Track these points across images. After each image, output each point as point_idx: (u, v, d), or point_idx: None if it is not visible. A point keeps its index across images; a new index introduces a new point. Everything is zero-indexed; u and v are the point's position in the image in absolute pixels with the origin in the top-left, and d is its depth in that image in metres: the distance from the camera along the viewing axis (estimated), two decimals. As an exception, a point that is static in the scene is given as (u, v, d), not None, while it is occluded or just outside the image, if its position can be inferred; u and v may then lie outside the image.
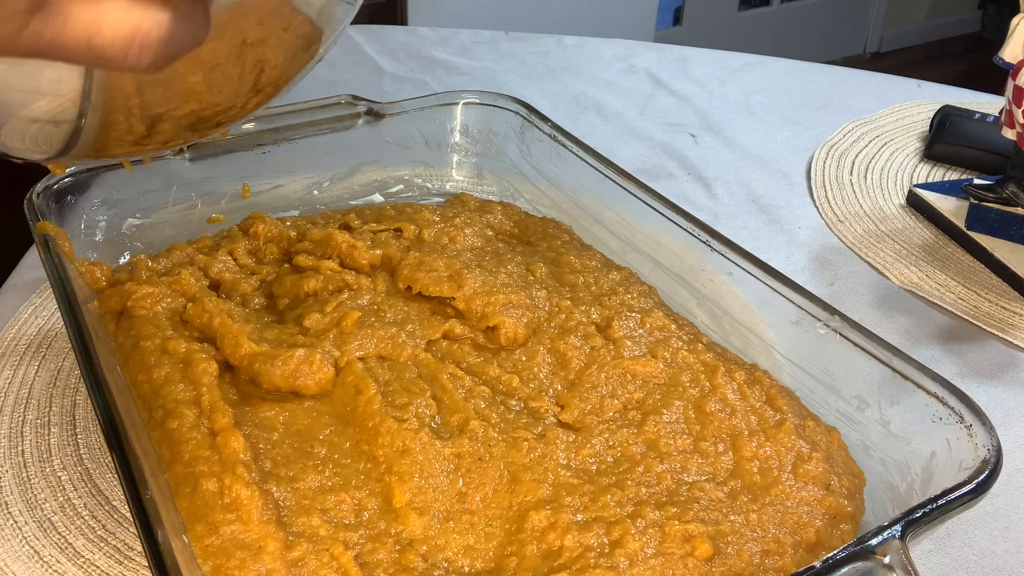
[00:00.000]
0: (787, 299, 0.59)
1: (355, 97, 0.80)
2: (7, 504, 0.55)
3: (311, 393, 0.54)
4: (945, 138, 0.96)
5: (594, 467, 0.52)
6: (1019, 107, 0.73)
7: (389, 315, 0.60)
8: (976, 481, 0.45)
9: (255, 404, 0.54)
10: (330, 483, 0.49)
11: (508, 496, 0.49)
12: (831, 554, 0.41)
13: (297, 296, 0.63)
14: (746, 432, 0.53)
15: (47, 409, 0.61)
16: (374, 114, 0.79)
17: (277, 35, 0.39)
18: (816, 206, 0.90)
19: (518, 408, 0.55)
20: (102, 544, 0.53)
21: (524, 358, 0.59)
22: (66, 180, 0.65)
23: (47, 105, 0.34)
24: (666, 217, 0.66)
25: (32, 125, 0.36)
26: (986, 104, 1.06)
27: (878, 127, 1.04)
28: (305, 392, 0.54)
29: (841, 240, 0.84)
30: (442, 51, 1.23)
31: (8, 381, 0.63)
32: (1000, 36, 0.73)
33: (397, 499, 0.48)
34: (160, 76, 0.36)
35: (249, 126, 0.74)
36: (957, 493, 0.44)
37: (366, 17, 1.95)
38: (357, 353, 0.56)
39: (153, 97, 0.37)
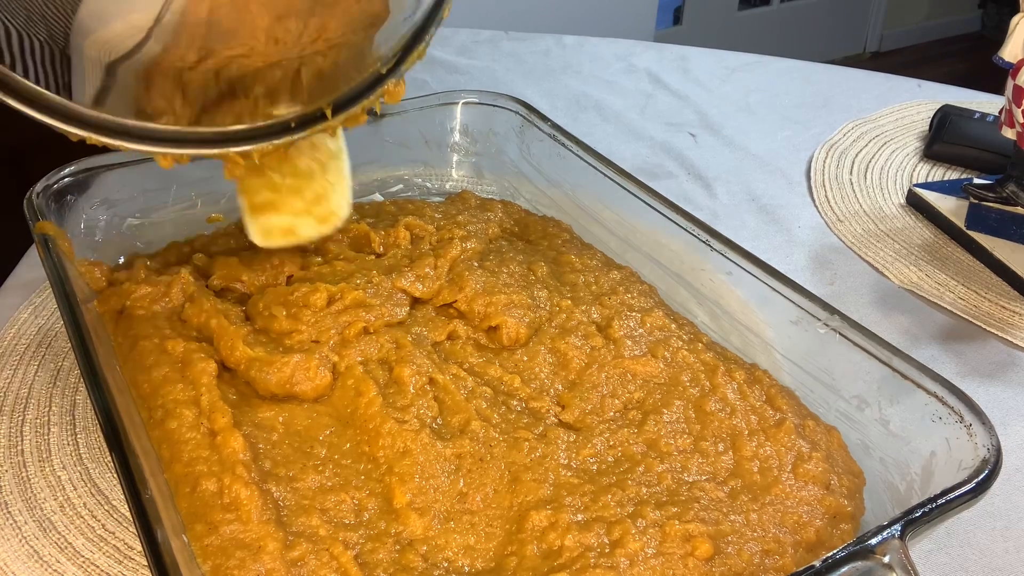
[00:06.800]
0: (787, 299, 0.59)
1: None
2: (7, 504, 0.54)
3: (308, 398, 0.54)
4: (945, 138, 0.96)
5: (595, 467, 0.52)
6: (1019, 107, 0.73)
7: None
8: (976, 480, 0.45)
9: (254, 404, 0.54)
10: (330, 483, 0.49)
11: (509, 496, 0.49)
12: (831, 553, 0.41)
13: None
14: (746, 432, 0.53)
15: (47, 409, 0.61)
16: (374, 113, 0.79)
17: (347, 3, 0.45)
18: (816, 206, 0.90)
19: (519, 408, 0.55)
20: (102, 544, 0.53)
21: (525, 358, 0.59)
22: (66, 180, 0.65)
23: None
24: (666, 217, 0.66)
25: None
26: (986, 104, 1.06)
27: (878, 127, 1.04)
28: (303, 397, 0.54)
29: (841, 240, 0.84)
30: (442, 50, 1.22)
31: (8, 381, 0.63)
32: (1000, 36, 0.73)
33: (397, 499, 0.48)
34: (230, 12, 0.43)
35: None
36: (957, 492, 0.44)
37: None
38: (357, 358, 0.56)
39: (217, 29, 0.44)
